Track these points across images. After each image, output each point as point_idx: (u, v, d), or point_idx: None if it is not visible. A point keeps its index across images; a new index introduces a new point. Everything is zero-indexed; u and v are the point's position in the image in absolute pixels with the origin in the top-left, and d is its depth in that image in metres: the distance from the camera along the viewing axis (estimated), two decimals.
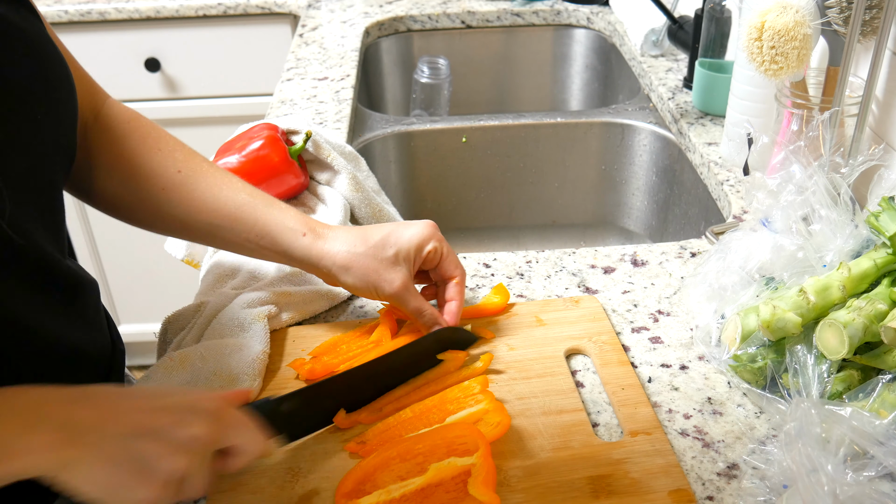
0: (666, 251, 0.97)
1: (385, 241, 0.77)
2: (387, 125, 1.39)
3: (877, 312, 0.69)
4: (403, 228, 0.78)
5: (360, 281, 0.76)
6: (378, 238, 0.77)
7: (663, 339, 0.83)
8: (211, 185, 0.78)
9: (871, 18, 0.92)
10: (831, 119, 0.93)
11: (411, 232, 0.78)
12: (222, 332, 0.81)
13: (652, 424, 0.71)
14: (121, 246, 2.18)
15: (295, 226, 0.77)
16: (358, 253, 0.76)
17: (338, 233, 0.78)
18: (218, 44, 2.01)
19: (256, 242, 0.78)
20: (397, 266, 0.76)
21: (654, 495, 0.65)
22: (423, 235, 0.78)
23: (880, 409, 0.65)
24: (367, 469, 0.66)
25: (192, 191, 0.77)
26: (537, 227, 1.51)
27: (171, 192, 0.77)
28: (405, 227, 0.78)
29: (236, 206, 0.77)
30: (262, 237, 0.77)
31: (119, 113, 0.80)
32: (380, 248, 0.76)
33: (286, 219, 0.78)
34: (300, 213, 0.79)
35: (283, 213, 0.78)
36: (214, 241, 0.81)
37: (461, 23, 1.81)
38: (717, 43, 1.29)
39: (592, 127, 1.42)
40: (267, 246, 0.78)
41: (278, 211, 0.78)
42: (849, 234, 0.76)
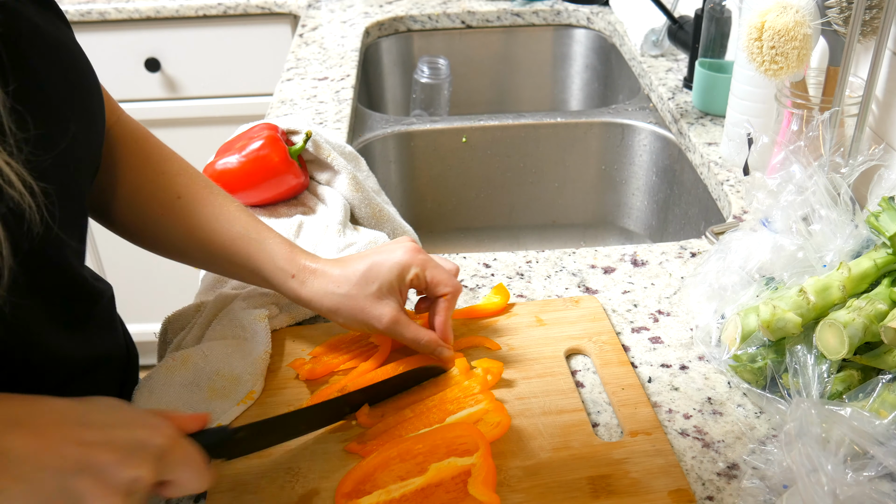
0: (666, 251, 0.97)
1: (366, 276, 0.74)
2: (387, 125, 1.39)
3: (877, 312, 0.69)
4: (384, 258, 0.75)
5: (351, 321, 0.76)
6: (359, 274, 0.75)
7: (663, 339, 0.83)
8: (208, 216, 0.77)
9: (871, 18, 0.92)
10: (831, 119, 0.93)
11: (391, 262, 0.75)
12: (223, 332, 0.81)
13: (652, 424, 0.71)
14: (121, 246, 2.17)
15: (285, 266, 0.76)
16: (341, 294, 0.75)
17: (323, 271, 0.76)
18: (218, 44, 2.01)
19: (250, 278, 0.79)
20: (383, 300, 0.74)
21: (654, 495, 0.65)
22: (403, 264, 0.75)
23: (880, 409, 0.65)
24: (367, 469, 0.66)
25: (189, 219, 0.77)
26: (537, 227, 1.51)
27: (169, 218, 0.77)
28: (385, 256, 0.75)
29: (230, 240, 0.77)
30: (253, 274, 0.78)
31: (128, 131, 0.79)
32: (362, 286, 0.74)
33: (277, 258, 0.76)
34: (291, 249, 0.77)
35: (275, 248, 0.77)
36: (212, 269, 0.83)
37: (461, 23, 1.81)
38: (717, 43, 1.29)
39: (592, 127, 1.42)
40: (259, 283, 0.79)
41: (270, 248, 0.77)
42: (849, 234, 0.76)
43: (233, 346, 0.78)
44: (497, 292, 0.87)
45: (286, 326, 0.85)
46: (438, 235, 1.49)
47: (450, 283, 0.77)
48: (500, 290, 0.88)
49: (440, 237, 1.50)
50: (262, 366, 0.77)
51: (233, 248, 0.77)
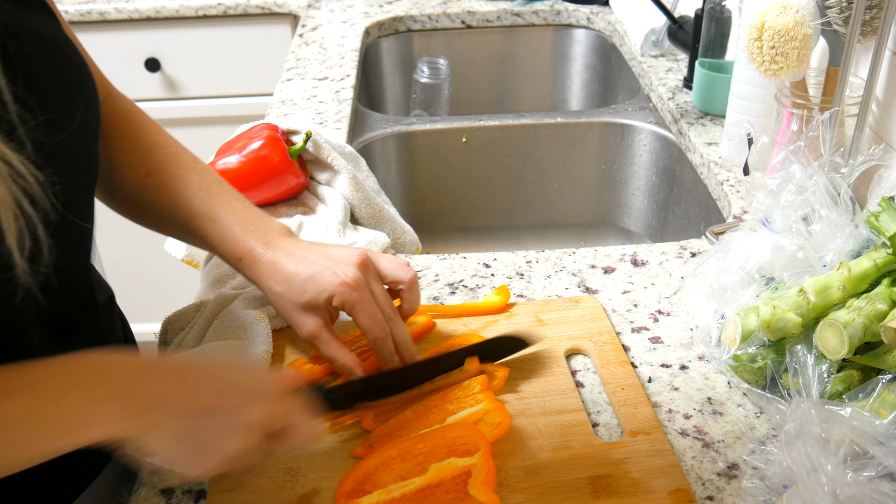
0: (666, 251, 0.97)
1: (303, 286, 0.74)
2: (387, 125, 1.39)
3: (877, 312, 0.69)
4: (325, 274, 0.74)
5: (280, 315, 0.77)
6: (300, 280, 0.74)
7: (663, 339, 0.83)
8: (172, 191, 0.78)
9: (871, 18, 0.92)
10: (831, 119, 0.93)
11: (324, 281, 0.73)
12: (224, 332, 0.81)
13: (652, 424, 0.71)
14: (121, 246, 2.17)
15: (233, 249, 0.77)
16: (277, 292, 0.75)
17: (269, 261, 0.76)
18: (218, 44, 2.01)
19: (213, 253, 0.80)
20: (308, 312, 0.74)
21: (654, 495, 0.65)
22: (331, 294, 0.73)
23: (880, 409, 0.65)
24: (368, 469, 0.66)
25: (157, 196, 0.79)
26: (537, 227, 1.51)
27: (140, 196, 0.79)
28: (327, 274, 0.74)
29: (190, 218, 0.78)
30: (214, 251, 0.79)
31: (113, 108, 0.80)
32: (296, 292, 0.74)
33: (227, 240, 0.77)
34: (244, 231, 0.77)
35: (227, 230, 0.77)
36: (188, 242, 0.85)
37: (461, 23, 1.81)
38: (717, 43, 1.29)
39: (592, 127, 1.42)
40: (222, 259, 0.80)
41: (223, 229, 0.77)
42: (849, 234, 0.76)
43: (235, 348, 0.78)
44: (498, 293, 0.87)
45: (286, 326, 0.85)
46: (438, 235, 1.49)
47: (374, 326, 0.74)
48: (501, 290, 0.88)
49: (440, 237, 1.50)
50: (264, 365, 0.77)
51: (192, 225, 0.78)
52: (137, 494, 0.67)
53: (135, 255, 2.17)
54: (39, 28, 0.63)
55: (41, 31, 0.63)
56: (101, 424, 0.53)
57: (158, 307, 1.43)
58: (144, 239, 2.14)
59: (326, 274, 0.74)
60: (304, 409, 0.62)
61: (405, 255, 0.98)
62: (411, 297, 0.78)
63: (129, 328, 0.86)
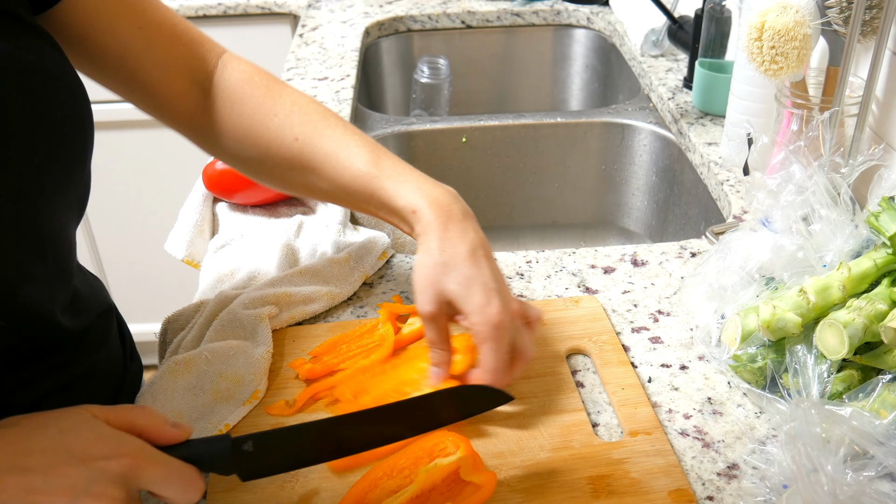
0: (666, 251, 0.97)
1: (461, 279, 0.68)
2: (387, 125, 1.39)
3: (877, 312, 0.69)
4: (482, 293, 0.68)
5: (416, 275, 0.70)
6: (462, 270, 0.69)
7: (663, 339, 0.83)
8: (329, 153, 0.75)
9: (871, 18, 0.92)
10: (831, 119, 0.93)
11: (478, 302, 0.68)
12: (224, 333, 0.81)
13: (652, 424, 0.71)
14: (121, 246, 2.18)
15: (408, 203, 0.72)
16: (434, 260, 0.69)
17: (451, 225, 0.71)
18: None
19: (376, 212, 0.76)
20: (442, 300, 0.69)
21: (655, 495, 0.65)
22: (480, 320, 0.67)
23: (880, 409, 0.66)
24: (358, 493, 0.65)
25: (310, 160, 0.76)
26: (537, 227, 1.51)
27: (292, 161, 0.76)
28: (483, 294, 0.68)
29: (353, 178, 0.74)
30: (379, 209, 0.75)
31: (234, 73, 0.79)
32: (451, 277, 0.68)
33: (400, 195, 0.73)
34: (419, 185, 0.73)
35: (398, 186, 0.73)
36: (342, 205, 0.82)
37: (461, 23, 1.81)
38: (717, 43, 1.29)
39: (592, 127, 1.42)
40: (385, 216, 0.76)
41: (394, 185, 0.73)
42: (849, 234, 0.76)
43: (235, 348, 0.78)
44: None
45: (286, 326, 0.85)
46: None
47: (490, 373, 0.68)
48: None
49: None
50: (265, 365, 0.77)
51: (355, 185, 0.74)
52: None
53: (135, 255, 2.17)
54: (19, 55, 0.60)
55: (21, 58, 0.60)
56: None
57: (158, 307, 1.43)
58: (144, 239, 2.15)
59: (484, 294, 0.68)
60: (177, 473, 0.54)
61: (405, 255, 0.98)
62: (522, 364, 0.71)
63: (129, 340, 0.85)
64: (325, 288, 0.88)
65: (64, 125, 0.63)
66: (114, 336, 0.80)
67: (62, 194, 0.65)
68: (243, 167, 0.82)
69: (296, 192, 0.83)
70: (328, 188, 0.76)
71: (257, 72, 0.80)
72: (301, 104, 0.78)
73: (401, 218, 0.74)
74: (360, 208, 0.78)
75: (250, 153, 0.78)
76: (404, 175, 0.74)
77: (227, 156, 0.81)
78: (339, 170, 0.75)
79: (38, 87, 0.61)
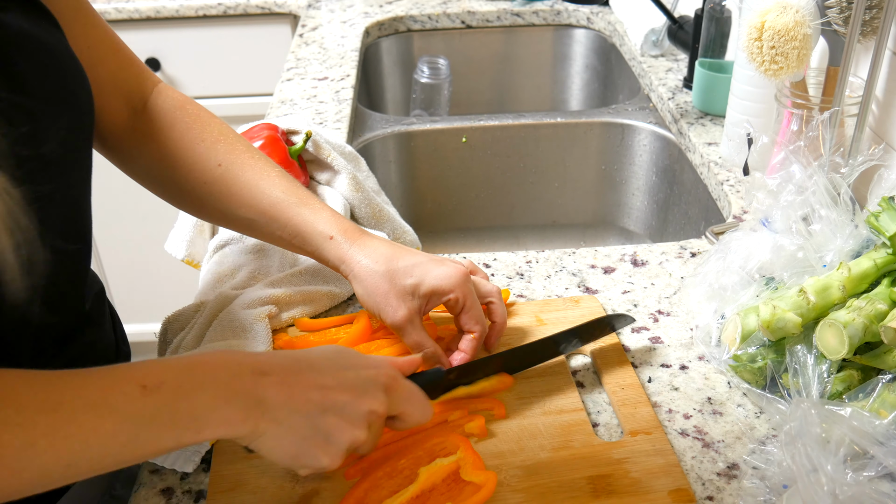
0: (666, 251, 0.97)
1: (409, 270, 0.75)
2: (387, 125, 1.39)
3: (877, 312, 0.69)
4: (433, 265, 0.75)
5: (367, 297, 0.75)
6: (404, 265, 0.75)
7: (663, 339, 0.83)
8: (249, 180, 0.78)
9: (871, 18, 0.92)
10: (831, 119, 0.93)
11: (439, 272, 0.75)
12: (224, 332, 0.81)
13: (652, 424, 0.71)
14: (121, 246, 2.17)
15: (324, 229, 0.77)
16: (375, 270, 0.75)
17: (369, 243, 0.77)
18: (218, 44, 2.01)
19: (289, 241, 0.79)
20: (408, 298, 0.74)
21: (655, 495, 0.65)
22: (449, 282, 0.74)
23: (880, 409, 0.66)
24: (359, 494, 0.65)
25: (230, 185, 0.78)
26: (537, 227, 1.51)
27: (212, 185, 0.79)
28: (435, 265, 0.75)
29: (271, 204, 0.77)
30: (294, 236, 0.78)
31: (167, 101, 0.81)
32: (400, 275, 0.74)
33: (317, 221, 0.77)
34: (334, 215, 0.78)
35: (314, 213, 0.77)
36: (254, 234, 0.83)
37: (461, 23, 1.81)
38: (717, 43, 1.29)
39: (592, 127, 1.42)
40: (298, 245, 0.79)
41: (310, 212, 0.77)
42: (849, 234, 0.76)
43: (233, 348, 0.78)
44: None
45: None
46: (438, 235, 1.49)
47: (482, 322, 0.77)
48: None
49: (440, 237, 1.50)
50: None
51: (272, 211, 0.77)
52: (137, 494, 0.67)
53: (135, 255, 2.17)
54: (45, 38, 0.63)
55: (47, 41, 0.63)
56: (223, 426, 0.55)
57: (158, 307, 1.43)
58: (144, 239, 2.15)
59: (436, 266, 0.75)
60: (417, 396, 0.65)
61: None
62: (501, 309, 0.80)
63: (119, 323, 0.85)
64: (325, 288, 0.88)
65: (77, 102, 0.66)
66: (107, 317, 0.80)
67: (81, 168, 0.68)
68: (161, 189, 0.83)
69: (210, 218, 0.84)
70: (244, 215, 0.79)
71: (190, 102, 0.83)
72: (228, 136, 0.81)
73: (315, 245, 0.77)
74: (274, 237, 0.80)
75: (172, 175, 0.80)
76: (319, 204, 0.78)
77: (146, 177, 0.82)
78: (257, 196, 0.78)
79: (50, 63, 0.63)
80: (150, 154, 0.79)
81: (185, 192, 0.81)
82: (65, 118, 0.63)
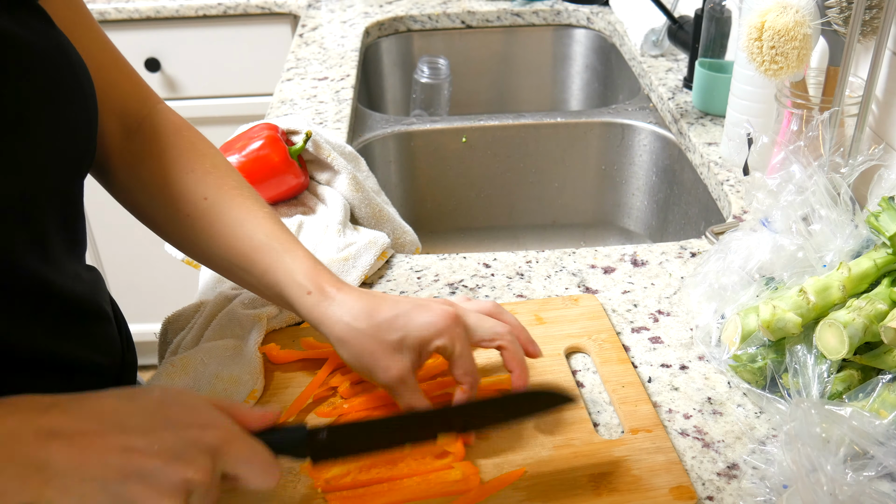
0: (666, 251, 0.97)
1: (392, 322, 0.67)
2: (387, 125, 1.39)
3: (877, 312, 0.69)
4: (417, 313, 0.68)
5: (354, 359, 0.68)
6: (386, 317, 0.68)
7: (663, 339, 0.83)
8: (233, 220, 0.73)
9: (871, 18, 0.92)
10: (831, 119, 0.93)
11: (423, 320, 0.68)
12: (222, 332, 0.81)
13: (652, 422, 0.71)
14: (121, 246, 2.17)
15: (303, 281, 0.70)
16: (358, 329, 0.67)
17: (346, 298, 0.69)
18: (218, 44, 2.01)
19: (266, 291, 0.73)
20: (398, 354, 0.67)
21: (656, 492, 0.65)
22: (434, 329, 0.68)
23: (880, 409, 0.66)
24: None
25: (213, 223, 0.73)
26: (537, 227, 1.51)
27: (195, 220, 0.74)
28: (419, 312, 0.68)
29: (252, 248, 0.72)
30: (270, 287, 0.72)
31: (163, 124, 0.77)
32: (384, 329, 0.67)
33: (296, 272, 0.70)
34: (314, 265, 0.71)
35: (295, 262, 0.71)
36: (233, 278, 0.77)
37: (461, 23, 1.81)
38: (717, 43, 1.29)
39: (592, 127, 1.42)
40: (275, 296, 0.73)
41: (291, 260, 0.71)
42: (849, 234, 0.76)
43: (231, 348, 0.78)
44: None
45: (286, 326, 0.85)
46: (438, 235, 1.49)
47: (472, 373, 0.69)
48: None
49: (440, 237, 1.50)
50: (258, 364, 0.77)
51: (252, 256, 0.72)
52: None
53: (135, 255, 2.17)
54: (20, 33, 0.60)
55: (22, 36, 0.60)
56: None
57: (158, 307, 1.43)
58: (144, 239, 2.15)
59: (420, 313, 0.68)
60: (256, 458, 0.56)
61: (405, 256, 0.98)
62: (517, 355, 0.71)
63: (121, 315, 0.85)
64: None
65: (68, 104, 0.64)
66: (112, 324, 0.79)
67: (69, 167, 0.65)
68: (142, 215, 0.78)
69: (191, 255, 0.78)
70: (223, 256, 0.73)
71: (188, 128, 0.78)
72: (220, 169, 0.76)
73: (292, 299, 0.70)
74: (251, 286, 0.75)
75: (155, 202, 0.75)
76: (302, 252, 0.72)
77: (129, 200, 0.78)
78: (239, 237, 0.72)
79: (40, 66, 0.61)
80: (138, 177, 0.75)
81: (167, 222, 0.76)
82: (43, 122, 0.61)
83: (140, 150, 0.75)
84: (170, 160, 0.75)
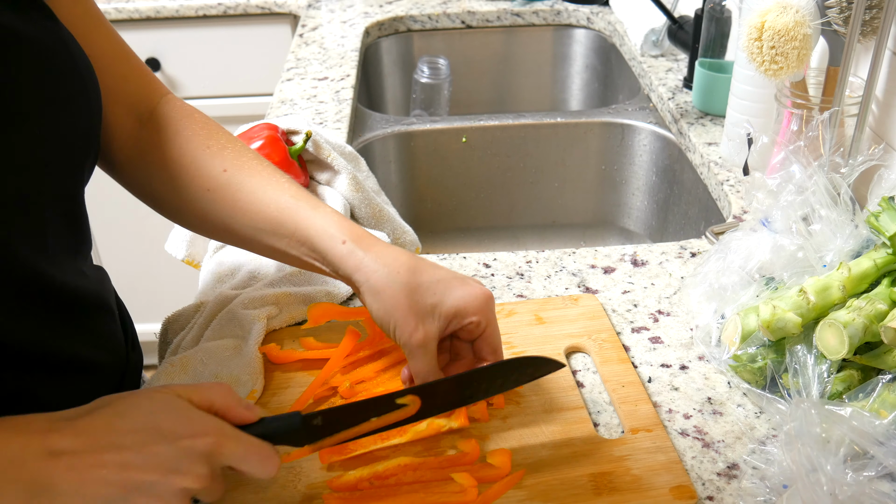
0: (666, 251, 0.97)
1: (432, 286, 0.67)
2: (387, 125, 1.39)
3: (877, 312, 0.69)
4: (457, 284, 0.68)
5: (383, 312, 0.67)
6: (427, 279, 0.67)
7: (663, 339, 0.83)
8: (255, 186, 0.73)
9: (871, 18, 0.92)
10: (831, 119, 0.93)
11: (462, 293, 0.68)
12: (222, 332, 0.81)
13: (653, 421, 0.71)
14: (121, 246, 2.17)
15: (336, 233, 0.69)
16: (397, 282, 0.66)
17: (385, 249, 0.69)
18: (218, 44, 2.01)
19: (297, 249, 0.72)
20: (427, 318, 0.67)
21: (656, 492, 0.65)
22: (474, 304, 0.68)
23: (880, 409, 0.66)
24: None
25: (236, 191, 0.73)
26: (537, 227, 1.52)
27: (216, 192, 0.73)
28: (459, 284, 0.68)
29: (278, 209, 0.72)
30: (302, 243, 0.71)
31: (174, 110, 0.78)
32: (422, 291, 0.67)
33: (328, 224, 0.70)
34: (346, 221, 0.71)
35: (325, 218, 0.71)
36: (257, 247, 0.76)
37: (461, 23, 1.81)
38: (717, 43, 1.29)
39: (592, 127, 1.42)
40: (307, 253, 0.72)
41: (321, 216, 0.71)
42: (849, 234, 0.76)
43: (231, 348, 0.78)
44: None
45: (286, 326, 0.85)
46: (438, 235, 1.50)
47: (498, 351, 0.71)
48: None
49: (440, 237, 1.50)
50: (258, 364, 0.77)
51: (279, 216, 0.71)
52: None
53: (135, 255, 2.17)
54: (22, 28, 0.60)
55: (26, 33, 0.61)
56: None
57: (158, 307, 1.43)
58: (144, 239, 2.15)
59: (460, 284, 0.68)
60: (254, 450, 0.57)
61: None
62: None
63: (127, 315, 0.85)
64: (325, 288, 0.88)
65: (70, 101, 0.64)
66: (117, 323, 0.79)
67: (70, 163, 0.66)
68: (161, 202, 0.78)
69: (212, 232, 0.78)
70: (249, 223, 0.73)
71: (197, 112, 0.79)
72: (235, 144, 0.77)
73: (325, 251, 0.70)
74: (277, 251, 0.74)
75: (174, 184, 0.75)
76: (331, 210, 0.72)
77: (147, 190, 0.78)
78: (264, 201, 0.72)
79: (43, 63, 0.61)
80: (153, 163, 0.76)
81: (186, 202, 0.76)
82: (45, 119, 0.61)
83: (153, 137, 0.76)
84: (184, 140, 0.76)
